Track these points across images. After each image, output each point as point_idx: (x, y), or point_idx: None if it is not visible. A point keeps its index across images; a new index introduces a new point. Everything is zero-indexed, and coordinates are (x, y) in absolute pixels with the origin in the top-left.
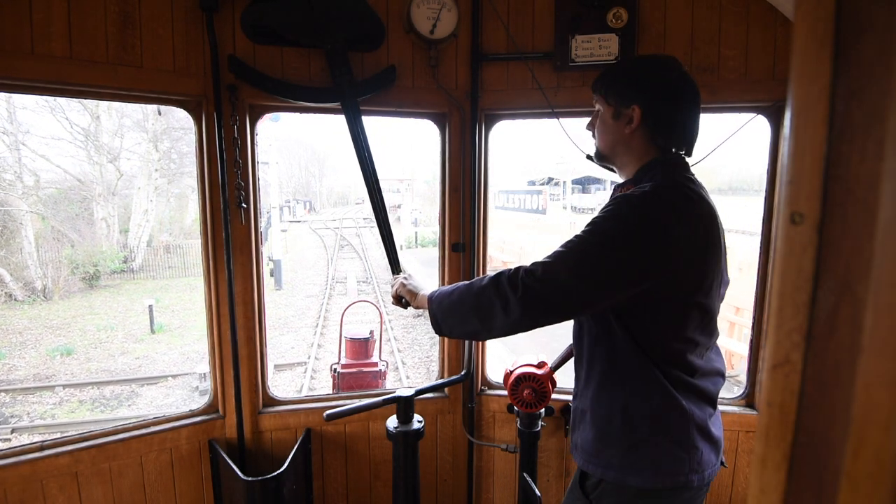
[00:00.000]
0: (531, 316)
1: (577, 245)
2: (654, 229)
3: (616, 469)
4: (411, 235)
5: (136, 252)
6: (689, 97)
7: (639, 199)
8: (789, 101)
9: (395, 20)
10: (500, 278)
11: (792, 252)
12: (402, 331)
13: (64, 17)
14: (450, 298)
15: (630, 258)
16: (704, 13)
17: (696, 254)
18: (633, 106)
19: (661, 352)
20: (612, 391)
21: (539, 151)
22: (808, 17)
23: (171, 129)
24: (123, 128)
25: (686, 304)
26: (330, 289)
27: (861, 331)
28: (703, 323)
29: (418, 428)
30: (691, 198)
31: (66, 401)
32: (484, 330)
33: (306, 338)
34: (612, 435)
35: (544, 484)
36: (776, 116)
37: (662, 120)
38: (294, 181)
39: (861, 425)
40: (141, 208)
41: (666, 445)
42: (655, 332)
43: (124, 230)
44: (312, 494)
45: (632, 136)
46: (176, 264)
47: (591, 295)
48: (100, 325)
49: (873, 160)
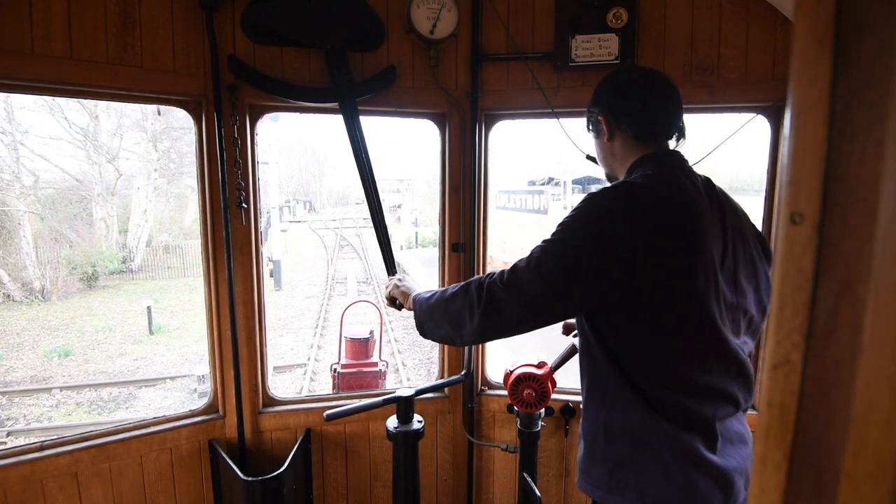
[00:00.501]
0: (493, 325)
1: (542, 245)
2: (606, 220)
3: (603, 489)
4: (411, 236)
5: (135, 252)
6: (644, 86)
7: (599, 194)
8: (789, 101)
9: (395, 20)
10: (471, 285)
11: (792, 252)
12: (403, 332)
13: (64, 17)
14: (428, 302)
15: (585, 250)
16: (704, 13)
17: (663, 248)
18: (598, 117)
19: (638, 365)
20: (595, 407)
21: (539, 151)
22: (808, 17)
23: (170, 128)
24: (122, 127)
25: (661, 310)
26: (330, 289)
27: (861, 331)
28: (694, 332)
29: (418, 428)
30: (662, 188)
31: (63, 403)
32: (457, 336)
33: (306, 339)
34: (597, 453)
35: (544, 484)
36: (776, 116)
37: (621, 112)
38: (294, 181)
39: (861, 425)
40: (140, 208)
41: (650, 469)
42: (630, 343)
43: (123, 230)
44: (312, 494)
45: (612, 145)
46: (175, 265)
47: (553, 295)
48: (98, 326)
49: (873, 160)
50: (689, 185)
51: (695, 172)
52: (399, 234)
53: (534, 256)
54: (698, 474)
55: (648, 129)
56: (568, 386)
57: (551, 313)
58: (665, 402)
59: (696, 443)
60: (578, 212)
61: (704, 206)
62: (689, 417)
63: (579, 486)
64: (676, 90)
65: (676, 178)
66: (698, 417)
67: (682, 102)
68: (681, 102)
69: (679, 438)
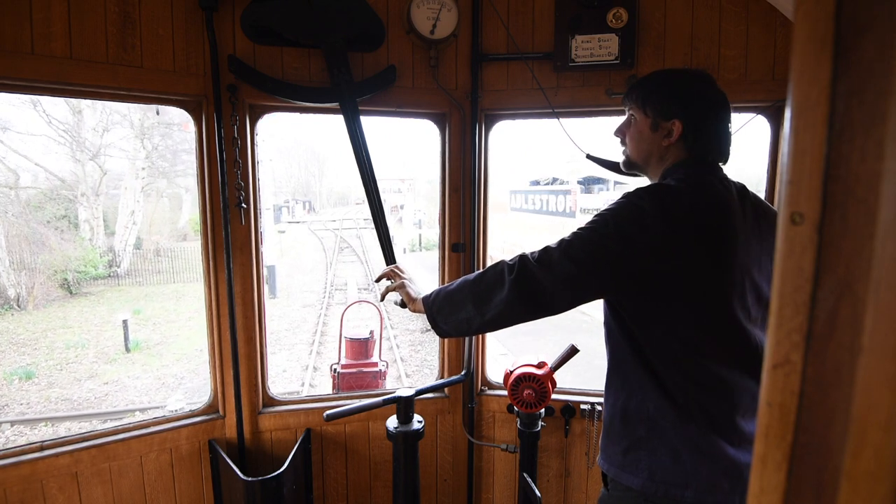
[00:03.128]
0: (521, 299)
1: (574, 232)
2: (636, 215)
3: (617, 467)
4: (415, 238)
5: (122, 256)
6: (726, 111)
7: (634, 193)
8: (789, 102)
9: (395, 20)
10: (498, 263)
11: (792, 252)
12: (410, 348)
13: (64, 17)
14: (447, 289)
15: (611, 240)
16: (704, 13)
17: (688, 245)
18: (673, 120)
19: (658, 355)
20: (615, 391)
21: (544, 151)
22: (808, 17)
23: (161, 123)
24: (109, 122)
25: (683, 306)
26: (328, 297)
27: (861, 331)
28: (717, 330)
29: (418, 428)
30: (694, 191)
31: (11, 442)
32: (477, 314)
33: (301, 358)
34: (613, 434)
35: (544, 484)
36: (776, 116)
37: (702, 134)
38: (294, 181)
39: (861, 425)
40: (127, 209)
41: (661, 453)
42: (650, 334)
43: (111, 232)
44: (312, 494)
45: (668, 149)
46: (165, 269)
47: (579, 276)
48: (70, 341)
49: (873, 160)
50: (721, 188)
51: (728, 178)
52: (401, 236)
53: (565, 240)
54: (707, 462)
55: (709, 154)
56: (568, 386)
57: (575, 295)
58: (681, 391)
59: (710, 434)
60: (613, 206)
61: (735, 210)
62: (705, 409)
63: (598, 462)
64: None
65: (708, 182)
66: (714, 409)
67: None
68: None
69: (690, 427)
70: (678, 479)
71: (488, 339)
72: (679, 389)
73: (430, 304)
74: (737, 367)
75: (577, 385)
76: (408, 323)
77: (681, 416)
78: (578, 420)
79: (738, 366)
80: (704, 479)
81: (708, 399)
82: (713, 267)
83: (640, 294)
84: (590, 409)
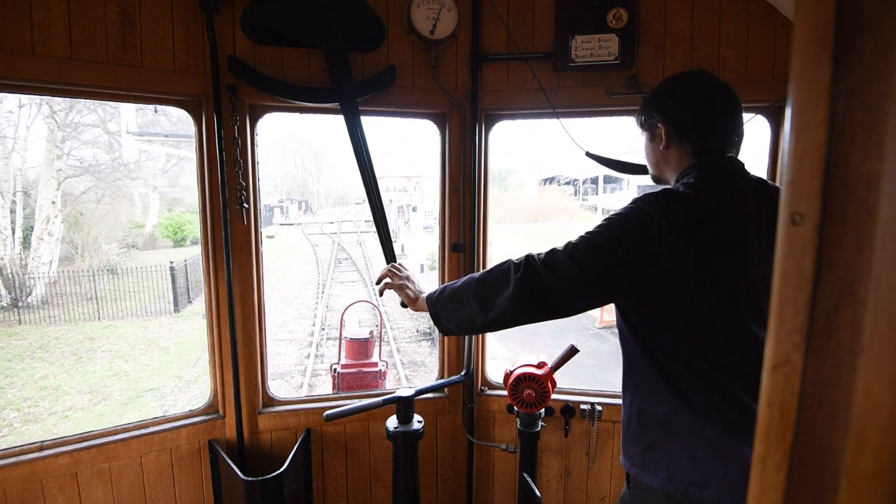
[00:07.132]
0: (526, 298)
1: (581, 236)
2: (643, 221)
3: (637, 466)
4: (429, 244)
5: (34, 280)
6: (712, 98)
7: (643, 198)
8: (789, 102)
9: (395, 20)
10: (508, 261)
11: (792, 252)
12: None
13: (64, 17)
14: (452, 286)
15: (618, 244)
16: (704, 13)
17: (694, 252)
18: (658, 124)
19: (669, 358)
20: (630, 395)
21: (546, 151)
22: (808, 17)
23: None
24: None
25: (691, 310)
26: (319, 338)
27: (861, 331)
28: (729, 333)
29: (418, 428)
30: (703, 196)
31: None
32: (481, 312)
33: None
34: (632, 436)
35: (544, 484)
36: (776, 116)
37: (686, 127)
38: (289, 178)
39: (861, 425)
40: (42, 215)
41: (678, 454)
42: (661, 337)
43: (26, 245)
44: (312, 495)
45: (667, 153)
46: (106, 293)
47: (584, 279)
48: None
49: (873, 160)
50: (732, 190)
51: (745, 177)
52: (412, 245)
53: (570, 243)
54: (725, 462)
55: (708, 147)
56: (568, 386)
57: (579, 298)
58: (695, 393)
59: (726, 434)
60: (621, 211)
61: (748, 214)
62: (721, 411)
63: (620, 461)
64: (739, 103)
65: (718, 185)
66: (730, 412)
67: (741, 113)
68: (741, 115)
69: (706, 429)
70: (696, 479)
71: (488, 339)
72: (693, 391)
73: (433, 302)
74: (749, 371)
75: (577, 385)
76: (408, 323)
77: (696, 417)
78: (578, 420)
79: (751, 370)
80: (723, 478)
81: (722, 401)
82: (721, 274)
83: (648, 299)
84: (590, 409)
